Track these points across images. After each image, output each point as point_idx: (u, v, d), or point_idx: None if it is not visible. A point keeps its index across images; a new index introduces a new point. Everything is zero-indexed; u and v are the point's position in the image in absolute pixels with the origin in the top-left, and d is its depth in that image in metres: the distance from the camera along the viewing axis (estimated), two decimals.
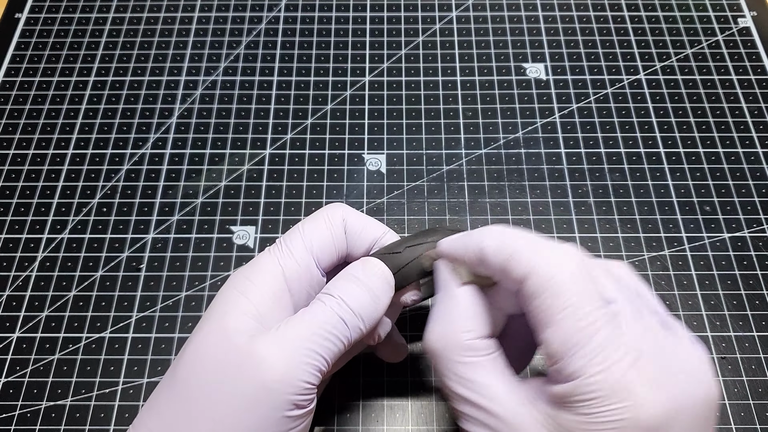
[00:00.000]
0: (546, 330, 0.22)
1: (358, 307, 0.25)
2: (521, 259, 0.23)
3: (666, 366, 0.22)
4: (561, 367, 0.22)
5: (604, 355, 0.21)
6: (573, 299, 0.22)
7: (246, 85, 0.46)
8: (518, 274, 0.23)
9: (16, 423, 0.34)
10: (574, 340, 0.21)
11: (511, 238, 0.24)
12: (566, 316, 0.22)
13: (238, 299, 0.25)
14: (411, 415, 0.34)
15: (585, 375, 0.21)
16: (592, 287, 0.22)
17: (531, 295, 0.22)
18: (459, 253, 0.26)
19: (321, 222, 0.28)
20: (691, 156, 0.43)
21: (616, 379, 0.21)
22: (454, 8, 0.50)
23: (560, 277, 0.22)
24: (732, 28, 0.49)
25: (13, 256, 0.39)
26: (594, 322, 0.21)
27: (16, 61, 0.47)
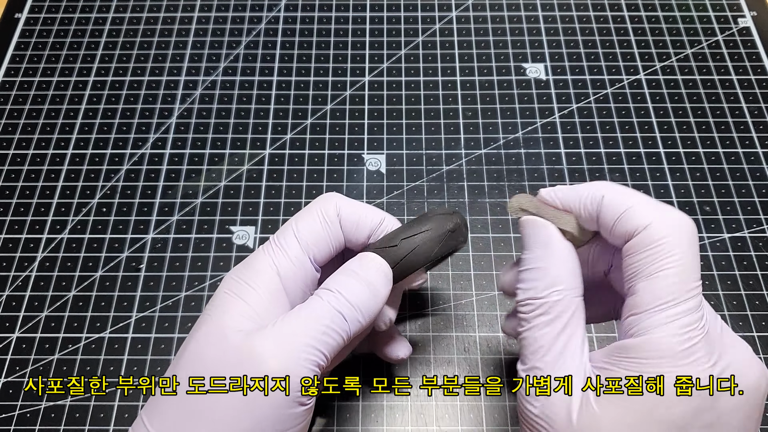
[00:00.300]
0: (643, 280, 0.22)
1: (357, 300, 0.25)
2: (643, 211, 0.23)
3: (727, 347, 0.22)
4: (640, 318, 0.22)
5: (685, 322, 0.21)
6: (683, 260, 0.22)
7: (246, 85, 0.46)
8: (635, 225, 0.23)
9: (16, 423, 0.34)
10: (668, 297, 0.22)
11: (626, 194, 0.24)
12: (670, 273, 0.22)
13: (235, 302, 0.25)
14: (411, 415, 0.34)
15: (662, 334, 0.21)
16: (697, 255, 0.23)
17: (643, 245, 0.22)
18: (570, 203, 0.25)
19: (314, 216, 0.27)
20: (691, 156, 0.43)
21: (687, 348, 0.21)
22: (454, 8, 0.50)
23: (678, 236, 0.22)
24: (732, 28, 0.49)
25: (13, 256, 0.39)
26: (691, 289, 0.22)
27: (16, 61, 0.47)
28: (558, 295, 0.24)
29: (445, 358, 0.35)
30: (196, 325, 0.26)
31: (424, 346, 0.36)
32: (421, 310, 0.37)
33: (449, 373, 0.35)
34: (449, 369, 0.35)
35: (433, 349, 0.36)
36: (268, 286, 0.25)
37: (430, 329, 0.36)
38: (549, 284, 0.24)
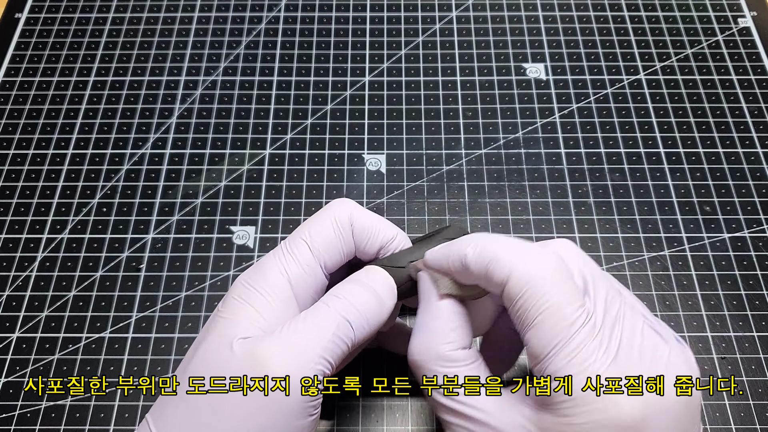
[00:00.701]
0: (528, 331, 0.22)
1: (364, 308, 0.25)
2: (501, 263, 0.23)
3: (646, 365, 0.22)
4: (542, 367, 0.22)
5: (583, 356, 0.21)
6: (552, 300, 0.22)
7: (246, 85, 0.46)
8: (499, 278, 0.23)
9: (16, 423, 0.34)
10: (555, 340, 0.22)
11: (491, 243, 0.24)
12: (546, 317, 0.22)
13: (244, 308, 0.25)
14: (411, 415, 0.34)
15: (566, 375, 0.21)
16: (571, 287, 0.23)
17: (512, 297, 0.23)
18: (442, 263, 0.26)
19: (327, 224, 0.27)
20: (691, 156, 0.43)
21: (594, 379, 0.21)
22: (454, 8, 0.50)
23: (539, 277, 0.22)
24: (732, 28, 0.49)
25: (13, 256, 0.39)
26: (573, 322, 0.22)
27: (16, 61, 0.47)
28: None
29: None
30: (204, 331, 0.26)
31: None
32: None
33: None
34: None
35: None
36: (278, 293, 0.25)
37: None
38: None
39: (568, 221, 0.40)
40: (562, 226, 0.40)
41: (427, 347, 0.25)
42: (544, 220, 0.40)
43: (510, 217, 0.40)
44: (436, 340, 0.25)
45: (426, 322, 0.26)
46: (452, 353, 0.25)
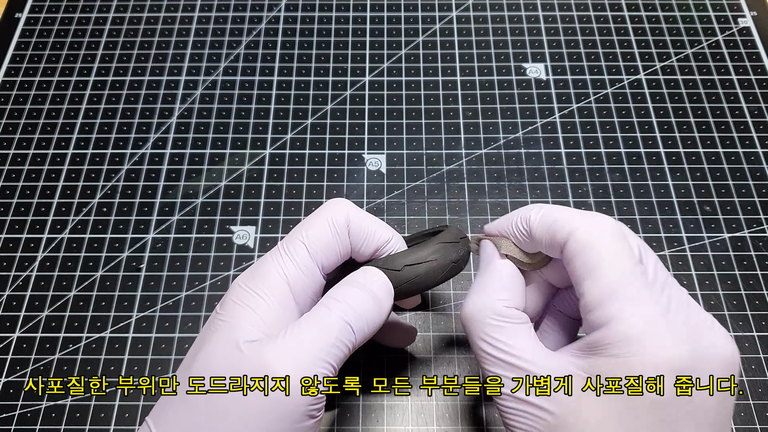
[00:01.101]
0: (585, 281, 0.23)
1: (363, 311, 0.25)
2: (564, 223, 0.24)
3: (691, 321, 0.23)
4: (596, 315, 0.23)
5: (638, 302, 0.22)
6: (610, 253, 0.23)
7: (246, 85, 0.46)
8: (562, 236, 0.24)
9: (16, 423, 0.34)
10: (612, 288, 0.23)
11: (552, 208, 0.26)
12: (606, 265, 0.23)
13: (244, 311, 0.25)
14: (411, 415, 0.34)
15: (620, 318, 0.22)
16: (626, 245, 0.24)
17: (573, 252, 0.24)
18: (504, 228, 0.27)
19: (324, 225, 0.27)
20: (691, 156, 0.43)
21: (648, 324, 0.22)
22: (454, 8, 0.50)
23: (598, 234, 0.24)
24: (732, 28, 0.49)
25: (13, 256, 0.39)
26: (629, 273, 0.23)
27: (16, 61, 0.47)
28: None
29: (445, 358, 0.35)
30: (204, 333, 0.26)
31: (425, 346, 0.36)
32: (421, 310, 0.37)
33: (449, 373, 0.35)
34: (449, 369, 0.35)
35: (433, 349, 0.36)
36: (277, 295, 0.25)
37: (430, 329, 0.36)
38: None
39: None
40: None
41: (483, 301, 0.26)
42: None
43: None
44: (491, 296, 0.26)
45: (483, 281, 0.27)
46: (505, 309, 0.25)
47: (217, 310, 0.26)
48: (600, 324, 0.23)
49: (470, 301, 0.26)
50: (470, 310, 0.26)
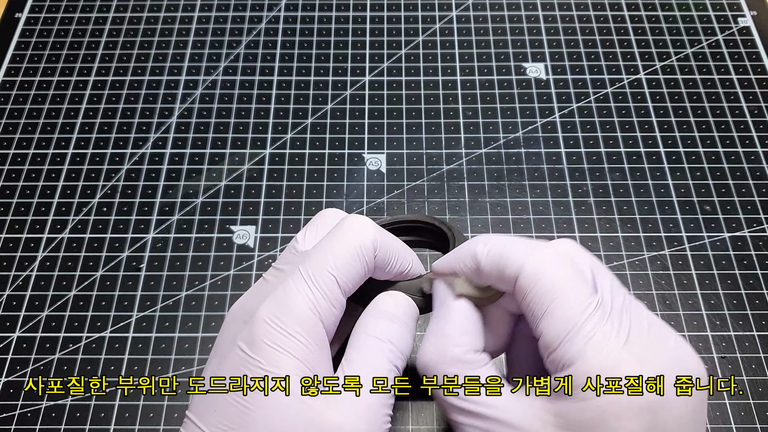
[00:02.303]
0: (541, 322, 0.23)
1: (405, 348, 0.25)
2: (511, 258, 0.23)
3: (655, 347, 0.22)
4: (558, 355, 0.22)
5: (599, 338, 0.22)
6: (563, 288, 0.23)
7: (246, 84, 0.46)
8: (510, 273, 0.23)
9: (16, 423, 0.34)
10: (569, 326, 0.22)
11: (500, 241, 0.24)
12: (559, 304, 0.22)
13: (286, 360, 0.23)
14: (411, 415, 0.34)
15: (582, 359, 0.21)
16: (581, 277, 0.23)
17: (524, 290, 0.23)
18: (453, 265, 0.26)
19: (354, 255, 0.25)
20: (691, 155, 0.43)
21: (613, 359, 0.21)
22: (454, 8, 0.50)
23: (549, 268, 0.23)
24: (732, 27, 0.49)
25: (13, 256, 0.39)
26: (586, 307, 0.22)
27: (16, 60, 0.47)
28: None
29: None
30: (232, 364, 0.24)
31: None
32: None
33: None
34: None
35: None
36: (314, 336, 0.24)
37: None
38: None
39: (569, 221, 0.40)
40: (562, 226, 0.40)
41: (439, 349, 0.25)
42: (545, 219, 0.40)
43: (510, 216, 0.40)
44: (449, 343, 0.25)
45: (439, 327, 0.26)
46: (464, 355, 0.25)
47: (247, 352, 0.23)
48: (562, 365, 0.22)
49: (426, 349, 0.25)
50: (427, 360, 0.25)
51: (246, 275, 0.38)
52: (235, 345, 0.23)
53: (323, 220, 0.28)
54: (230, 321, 0.25)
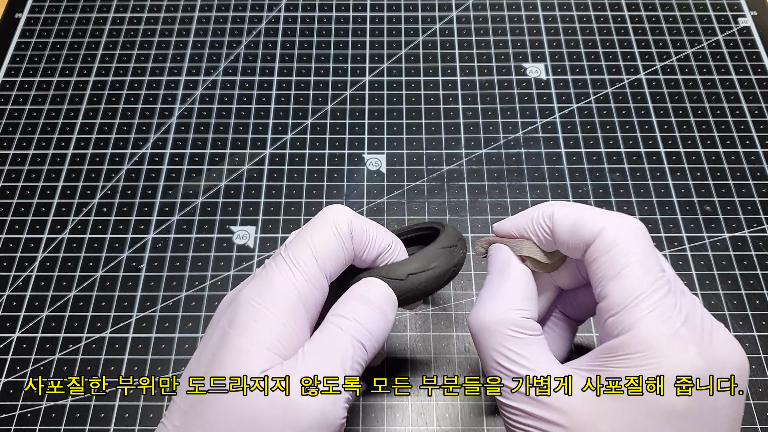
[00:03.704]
0: (611, 282, 0.23)
1: (374, 329, 0.25)
2: (591, 220, 0.24)
3: (708, 334, 0.23)
4: (620, 318, 0.22)
5: (663, 309, 0.22)
6: (639, 256, 0.23)
7: (246, 85, 0.46)
8: (589, 235, 0.24)
9: (16, 423, 0.34)
10: (639, 291, 0.22)
11: (576, 206, 0.25)
12: (633, 269, 0.23)
13: (261, 332, 0.24)
14: (411, 415, 0.34)
15: (645, 326, 0.22)
16: (653, 250, 0.24)
17: (600, 252, 0.23)
18: (523, 226, 0.26)
19: (330, 234, 0.26)
20: (692, 156, 0.43)
21: (673, 332, 0.22)
22: (454, 8, 0.50)
23: (630, 235, 0.24)
24: (732, 27, 0.49)
25: (13, 256, 0.39)
26: (656, 279, 0.23)
27: (16, 61, 0.47)
28: None
29: (445, 358, 0.35)
30: (214, 346, 0.25)
31: (425, 346, 0.36)
32: (421, 310, 0.37)
33: (449, 373, 0.35)
34: (449, 369, 0.35)
35: (433, 349, 0.36)
36: (292, 313, 0.24)
37: (430, 329, 0.36)
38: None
39: None
40: None
41: (500, 311, 0.25)
42: None
43: None
44: (509, 305, 0.25)
45: (499, 288, 0.26)
46: (524, 321, 0.25)
47: (226, 328, 0.24)
48: (623, 328, 0.22)
49: (485, 309, 0.25)
50: (485, 320, 0.25)
51: (246, 275, 0.38)
52: (221, 323, 0.25)
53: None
54: (220, 306, 0.27)
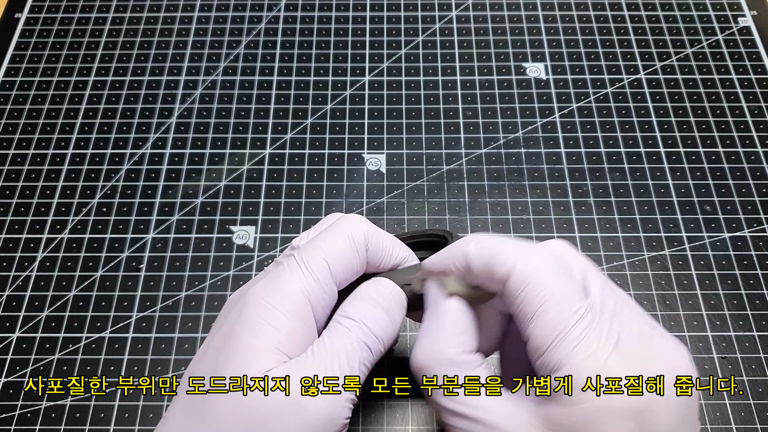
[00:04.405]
0: (530, 324, 0.22)
1: (379, 329, 0.25)
2: (502, 259, 0.23)
3: (646, 351, 0.22)
4: (546, 359, 0.22)
5: (587, 343, 0.21)
6: (553, 291, 0.22)
7: (246, 84, 0.46)
8: (501, 274, 0.23)
9: (16, 423, 0.34)
10: (557, 330, 0.22)
11: (492, 242, 0.24)
12: (548, 308, 0.22)
13: (270, 332, 0.24)
14: (411, 415, 0.34)
15: (570, 363, 0.21)
16: (571, 281, 0.23)
17: (513, 292, 0.23)
18: (444, 265, 0.26)
19: (345, 243, 0.26)
20: (691, 155, 0.43)
21: (601, 364, 0.21)
22: (453, 8, 0.50)
23: (539, 271, 0.23)
24: (732, 27, 0.49)
25: (13, 256, 0.39)
26: (575, 312, 0.22)
27: (16, 61, 0.47)
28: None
29: None
30: (223, 343, 0.25)
31: None
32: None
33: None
34: None
35: None
36: (301, 316, 0.24)
37: None
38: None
39: (569, 221, 0.40)
40: (562, 226, 0.40)
41: (433, 351, 0.25)
42: (545, 219, 0.40)
43: (510, 216, 0.40)
44: (443, 344, 0.25)
45: (432, 327, 0.25)
46: (459, 357, 0.24)
47: (233, 325, 0.24)
48: (549, 369, 0.22)
49: (420, 350, 0.25)
50: (421, 361, 0.25)
51: (246, 275, 0.38)
52: (227, 320, 0.25)
53: (326, 223, 0.28)
54: (227, 305, 0.27)
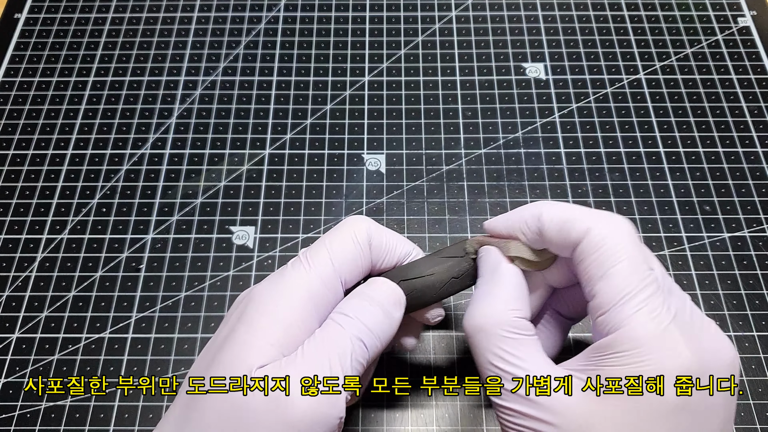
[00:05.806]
0: (599, 281, 0.23)
1: (374, 324, 0.25)
2: (579, 220, 0.24)
3: (695, 326, 0.23)
4: (609, 317, 0.23)
5: (651, 307, 0.22)
6: (627, 255, 0.23)
7: (245, 85, 0.46)
8: (577, 234, 0.24)
9: (16, 423, 0.34)
10: (626, 290, 0.23)
11: (565, 206, 0.25)
12: (621, 268, 0.23)
13: (269, 326, 0.24)
14: (411, 415, 0.34)
15: (635, 323, 0.22)
16: (640, 248, 0.24)
17: (588, 251, 0.24)
18: (512, 226, 0.26)
19: (348, 241, 0.26)
20: (691, 155, 0.43)
21: (662, 329, 0.22)
22: (453, 8, 0.50)
23: (617, 234, 0.24)
24: (732, 27, 0.49)
25: (13, 257, 0.39)
26: (644, 278, 0.23)
27: (16, 61, 0.47)
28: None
29: (445, 358, 0.35)
30: (221, 339, 0.25)
31: (424, 346, 0.36)
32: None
33: (449, 373, 0.35)
34: (449, 369, 0.35)
35: (433, 349, 0.36)
36: (302, 311, 0.25)
37: (430, 329, 0.36)
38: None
39: None
40: None
41: (494, 311, 0.25)
42: None
43: None
44: (503, 306, 0.25)
45: (491, 290, 0.26)
46: (517, 321, 0.25)
47: (235, 320, 0.25)
48: (612, 326, 0.22)
49: (478, 311, 0.25)
50: (479, 322, 0.25)
51: (245, 276, 0.38)
52: (231, 319, 0.26)
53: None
54: (235, 303, 0.27)
